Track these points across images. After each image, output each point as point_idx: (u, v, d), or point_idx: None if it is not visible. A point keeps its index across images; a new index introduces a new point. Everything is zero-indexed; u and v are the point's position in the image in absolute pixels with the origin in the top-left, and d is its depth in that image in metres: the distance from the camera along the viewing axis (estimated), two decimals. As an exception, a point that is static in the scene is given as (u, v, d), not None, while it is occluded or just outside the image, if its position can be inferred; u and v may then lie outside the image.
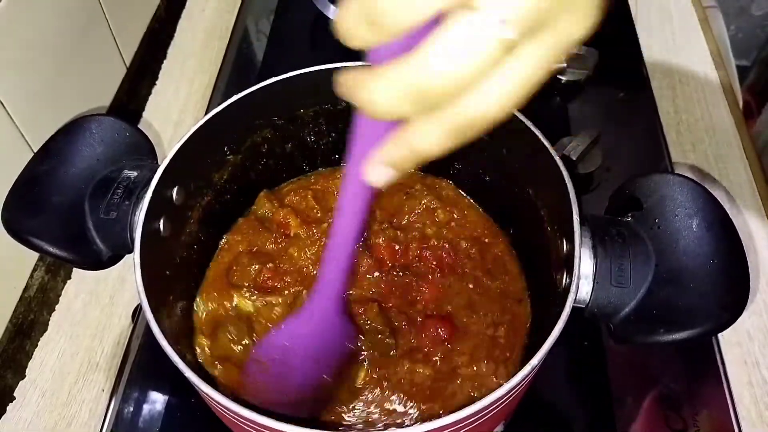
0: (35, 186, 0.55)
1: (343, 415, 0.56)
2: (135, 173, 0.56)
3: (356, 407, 0.56)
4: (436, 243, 0.64)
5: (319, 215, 0.67)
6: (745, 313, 0.71)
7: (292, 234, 0.65)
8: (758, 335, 0.70)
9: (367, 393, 0.56)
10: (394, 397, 0.56)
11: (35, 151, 0.58)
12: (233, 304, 0.62)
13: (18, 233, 0.53)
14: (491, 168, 0.64)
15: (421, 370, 0.57)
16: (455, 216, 0.67)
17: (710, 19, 1.01)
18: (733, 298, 0.47)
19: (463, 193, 0.70)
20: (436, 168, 0.70)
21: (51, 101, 0.76)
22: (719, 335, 0.69)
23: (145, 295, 0.48)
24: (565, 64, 0.89)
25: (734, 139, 0.88)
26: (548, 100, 0.90)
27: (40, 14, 0.73)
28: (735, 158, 0.86)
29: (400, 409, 0.56)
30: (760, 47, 0.96)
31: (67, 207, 0.54)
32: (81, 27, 0.81)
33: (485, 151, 0.62)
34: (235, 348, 0.58)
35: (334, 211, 0.48)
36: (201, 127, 0.57)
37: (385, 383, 0.56)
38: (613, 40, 0.96)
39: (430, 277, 0.62)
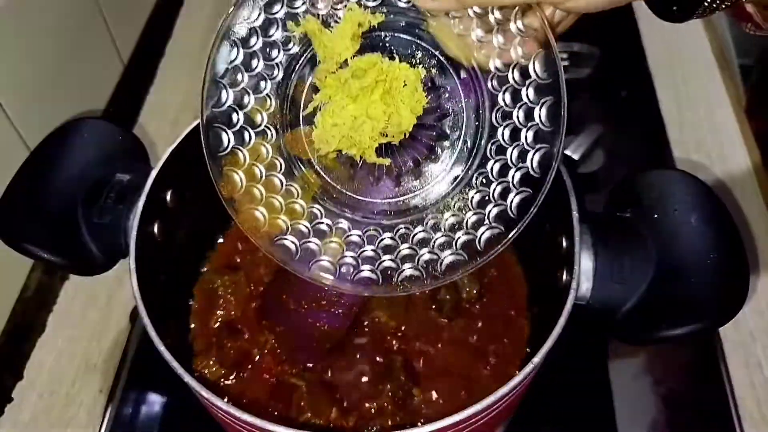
0: (28, 191, 0.54)
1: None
2: (128, 177, 0.55)
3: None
4: None
5: None
6: (747, 314, 0.71)
7: None
8: (761, 336, 0.69)
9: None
10: None
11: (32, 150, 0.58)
12: None
13: (11, 239, 0.52)
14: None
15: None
16: None
17: (713, 17, 1.01)
18: (733, 293, 0.47)
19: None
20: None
21: (48, 100, 0.75)
22: (722, 336, 0.69)
23: (141, 300, 0.47)
24: (566, 63, 0.88)
25: (737, 138, 0.88)
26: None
27: (37, 13, 0.72)
28: (738, 157, 0.85)
29: None
30: (763, 46, 0.95)
31: (60, 212, 0.53)
32: (78, 25, 0.81)
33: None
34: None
35: None
36: (194, 129, 0.56)
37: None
38: (615, 38, 0.96)
39: None
